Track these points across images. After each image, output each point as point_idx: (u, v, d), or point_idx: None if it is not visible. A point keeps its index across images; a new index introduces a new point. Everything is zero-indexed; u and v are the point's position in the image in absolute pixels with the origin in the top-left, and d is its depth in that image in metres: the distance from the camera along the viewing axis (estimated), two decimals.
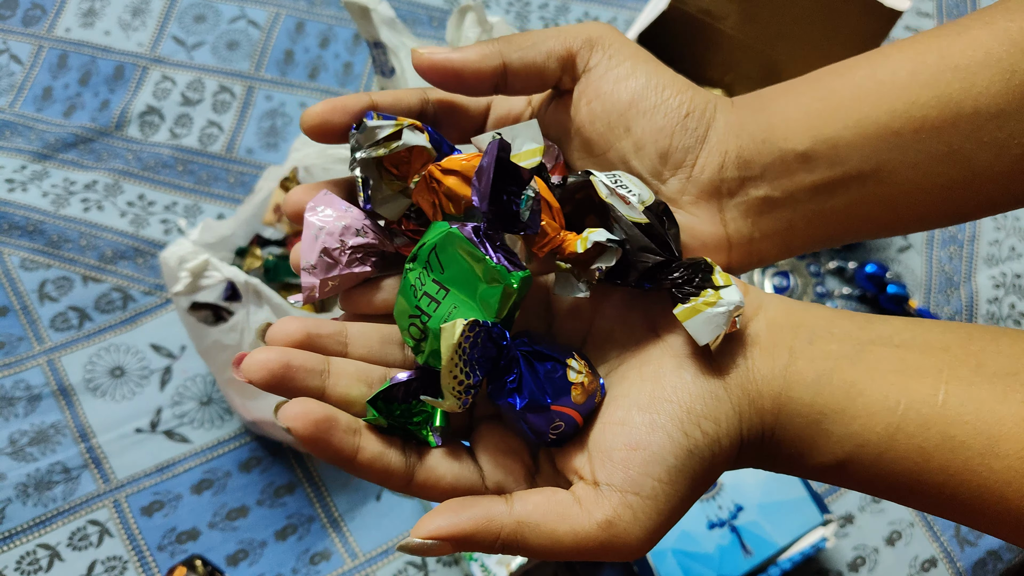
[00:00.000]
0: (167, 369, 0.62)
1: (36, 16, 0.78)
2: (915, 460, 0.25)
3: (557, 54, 0.29)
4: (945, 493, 0.25)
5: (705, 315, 0.25)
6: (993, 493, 0.24)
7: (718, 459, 0.26)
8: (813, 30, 0.69)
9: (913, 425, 0.25)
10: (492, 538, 0.25)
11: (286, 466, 0.59)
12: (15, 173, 0.69)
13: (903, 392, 0.25)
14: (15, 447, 0.58)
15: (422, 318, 0.25)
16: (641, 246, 0.26)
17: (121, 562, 0.55)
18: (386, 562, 0.57)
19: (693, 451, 0.26)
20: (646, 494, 0.25)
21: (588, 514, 0.25)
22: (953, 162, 0.28)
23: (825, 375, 0.26)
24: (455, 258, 0.25)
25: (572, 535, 0.25)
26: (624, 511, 0.25)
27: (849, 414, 0.26)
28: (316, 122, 0.27)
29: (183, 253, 0.50)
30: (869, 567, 0.60)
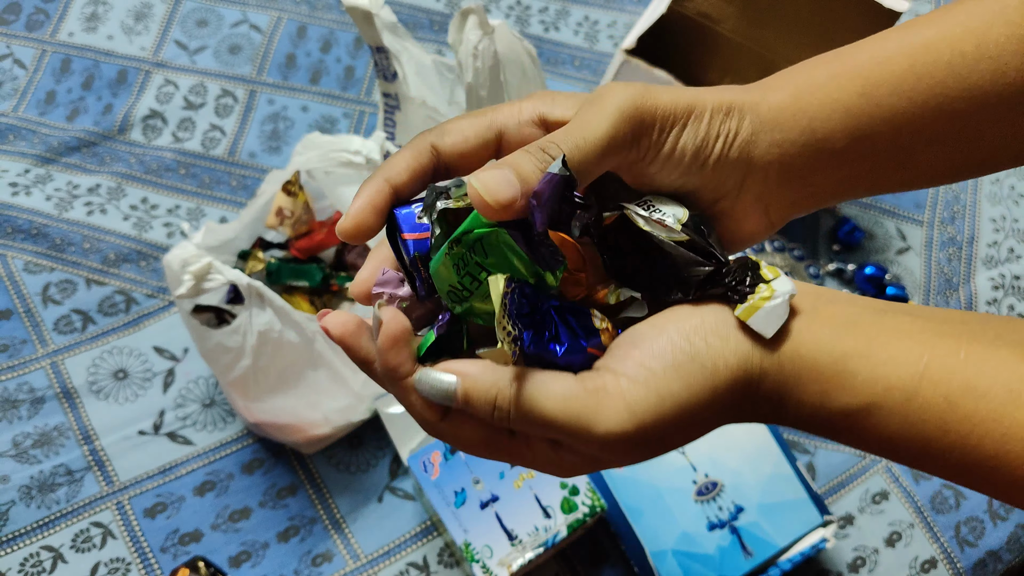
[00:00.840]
0: (170, 371, 0.62)
1: (40, 21, 0.78)
2: (941, 407, 0.25)
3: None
4: (970, 443, 0.25)
5: (765, 310, 0.26)
6: (1018, 442, 0.24)
7: (720, 376, 0.26)
8: (811, 32, 0.70)
9: (938, 373, 0.25)
10: (492, 388, 0.26)
11: (288, 468, 0.59)
12: (19, 177, 0.70)
13: (925, 348, 0.26)
14: (19, 449, 0.58)
15: (463, 292, 0.27)
16: (689, 261, 0.28)
17: (124, 564, 0.56)
18: (388, 563, 0.57)
19: (695, 356, 0.26)
20: (638, 379, 0.26)
21: (580, 380, 0.26)
22: (977, 146, 0.30)
23: (848, 325, 0.27)
24: (499, 251, 0.26)
25: (561, 389, 0.26)
26: (612, 384, 0.26)
27: (875, 358, 0.26)
28: (355, 233, 0.28)
29: (186, 256, 0.50)
30: (869, 568, 0.60)
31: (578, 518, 0.51)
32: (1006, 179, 0.79)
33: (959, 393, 0.25)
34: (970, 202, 0.77)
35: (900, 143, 0.29)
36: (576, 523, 0.51)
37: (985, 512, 0.63)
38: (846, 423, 0.27)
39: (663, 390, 0.26)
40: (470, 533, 0.51)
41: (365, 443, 0.61)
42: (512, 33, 0.53)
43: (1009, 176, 0.79)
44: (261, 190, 0.60)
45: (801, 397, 0.27)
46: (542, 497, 0.52)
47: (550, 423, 0.26)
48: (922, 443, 0.26)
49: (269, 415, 0.55)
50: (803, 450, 0.64)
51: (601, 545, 0.58)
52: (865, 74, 0.29)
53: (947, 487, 0.64)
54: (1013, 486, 0.25)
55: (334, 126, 0.75)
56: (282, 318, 0.50)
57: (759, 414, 0.28)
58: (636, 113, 0.27)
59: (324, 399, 0.55)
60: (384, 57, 0.54)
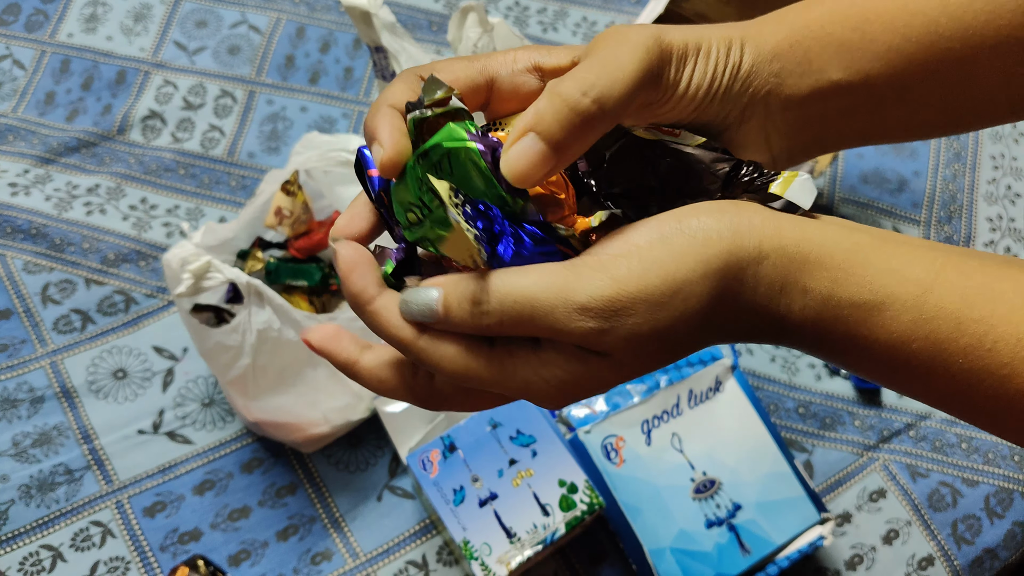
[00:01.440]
0: (169, 371, 0.62)
1: (39, 22, 0.79)
2: (956, 305, 0.24)
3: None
4: (984, 346, 0.24)
5: (800, 181, 0.27)
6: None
7: (712, 248, 0.25)
8: None
9: (953, 274, 0.25)
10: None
11: (287, 467, 0.60)
12: (18, 177, 0.70)
13: (939, 252, 0.25)
14: (18, 449, 0.59)
15: (423, 210, 0.26)
16: (712, 159, 0.28)
17: (123, 563, 0.56)
18: (387, 562, 0.57)
19: (684, 229, 0.25)
20: (620, 252, 0.25)
21: (558, 264, 0.25)
22: (971, 89, 0.30)
23: (859, 227, 0.26)
24: (465, 168, 0.25)
25: (539, 270, 0.25)
26: (592, 260, 0.25)
27: (888, 253, 0.25)
28: (397, 162, 0.26)
29: (185, 255, 0.50)
30: (867, 566, 0.60)
31: (576, 516, 0.52)
32: (1002, 179, 0.79)
33: (974, 293, 0.24)
34: (967, 201, 0.78)
35: (896, 77, 0.29)
36: (574, 521, 0.51)
37: (982, 510, 0.63)
38: (856, 316, 0.25)
39: (647, 258, 0.24)
40: (469, 531, 0.51)
41: (364, 442, 0.61)
42: (511, 31, 0.53)
43: (1005, 176, 0.80)
44: (260, 190, 0.60)
45: (808, 283, 0.25)
46: (541, 495, 0.52)
47: (529, 301, 0.24)
48: (935, 345, 0.24)
49: (268, 414, 0.55)
50: (800, 448, 0.64)
51: (599, 543, 0.58)
52: (858, 11, 0.30)
53: (944, 485, 0.64)
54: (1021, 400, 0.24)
55: (333, 126, 0.75)
56: (281, 316, 0.50)
57: (757, 313, 0.26)
58: (659, 49, 0.26)
59: (323, 398, 0.55)
60: (383, 57, 0.55)
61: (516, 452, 0.53)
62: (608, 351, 0.25)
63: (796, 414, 0.66)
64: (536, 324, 0.25)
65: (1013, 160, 0.81)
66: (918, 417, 0.67)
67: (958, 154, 0.80)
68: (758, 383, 0.67)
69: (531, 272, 0.25)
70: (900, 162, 0.79)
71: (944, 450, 0.65)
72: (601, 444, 0.55)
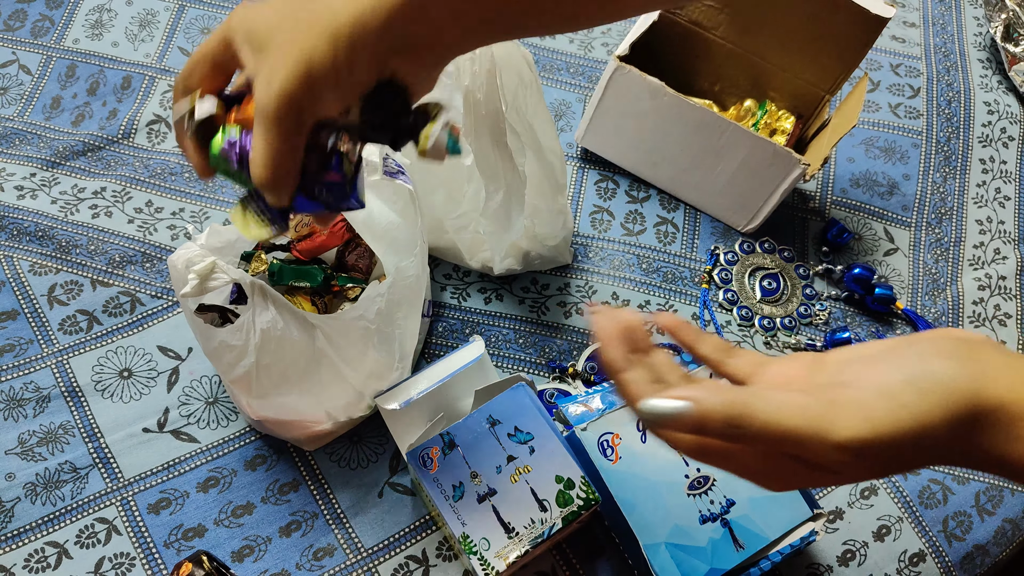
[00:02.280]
0: (174, 370, 0.63)
1: (45, 28, 0.80)
2: None
3: None
4: None
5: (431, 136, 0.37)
6: None
7: (955, 395, 0.28)
8: (800, 38, 0.71)
9: None
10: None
11: (290, 464, 0.61)
12: (25, 180, 0.71)
13: None
14: (24, 447, 0.59)
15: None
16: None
17: (128, 559, 0.57)
18: (388, 557, 0.58)
19: (931, 373, 0.28)
20: (874, 390, 0.28)
21: (811, 393, 0.29)
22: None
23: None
24: (226, 169, 0.37)
25: (798, 400, 0.28)
26: (846, 395, 0.28)
27: None
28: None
29: (190, 256, 0.51)
30: (859, 561, 0.61)
31: (573, 511, 0.52)
32: (992, 182, 0.81)
33: None
34: (956, 205, 0.79)
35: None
36: (571, 516, 0.52)
37: (972, 507, 0.64)
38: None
39: (899, 401, 0.27)
40: (468, 526, 0.52)
41: (365, 440, 0.62)
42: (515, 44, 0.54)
43: (995, 179, 0.81)
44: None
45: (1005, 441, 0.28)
46: (538, 491, 0.53)
47: (789, 433, 0.27)
48: None
49: (272, 412, 0.56)
50: None
51: (596, 538, 0.60)
52: None
53: (934, 482, 0.65)
54: None
55: None
56: (284, 316, 0.51)
57: (985, 452, 0.29)
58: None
59: (325, 396, 0.56)
60: None
61: (514, 449, 0.54)
62: (842, 472, 0.29)
63: None
64: (788, 450, 0.28)
65: (1003, 164, 0.82)
66: None
67: (948, 158, 0.81)
68: None
69: (789, 403, 0.28)
70: (890, 166, 0.80)
71: None
72: (597, 441, 0.57)
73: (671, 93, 0.67)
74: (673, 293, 0.71)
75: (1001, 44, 0.88)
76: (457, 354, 0.59)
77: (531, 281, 0.70)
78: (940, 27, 0.92)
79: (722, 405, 0.28)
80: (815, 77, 0.73)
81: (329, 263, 0.64)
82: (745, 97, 0.78)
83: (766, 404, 0.28)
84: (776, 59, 0.74)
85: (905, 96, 0.85)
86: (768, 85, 0.76)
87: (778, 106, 0.77)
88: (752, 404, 0.28)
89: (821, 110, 0.75)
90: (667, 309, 0.70)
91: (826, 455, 0.28)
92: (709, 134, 0.68)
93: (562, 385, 0.66)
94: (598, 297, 0.70)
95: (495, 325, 0.68)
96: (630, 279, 0.71)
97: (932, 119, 0.83)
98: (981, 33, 0.91)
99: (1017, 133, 0.83)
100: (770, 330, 0.70)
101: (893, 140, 0.82)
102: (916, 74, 0.87)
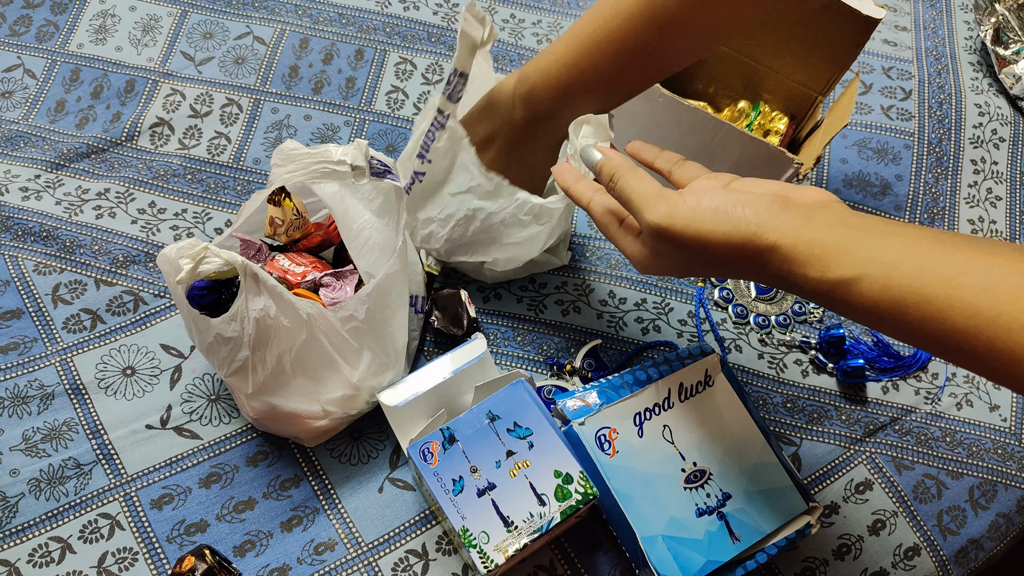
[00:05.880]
0: (177, 368, 0.64)
1: (50, 32, 0.81)
2: (912, 277, 0.36)
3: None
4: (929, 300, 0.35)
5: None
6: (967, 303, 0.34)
7: (737, 233, 0.40)
8: (794, 41, 0.73)
9: (911, 258, 0.36)
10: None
11: (291, 460, 0.61)
12: (29, 182, 0.72)
13: (899, 241, 0.37)
14: (28, 443, 0.60)
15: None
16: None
17: (131, 553, 0.57)
18: (388, 551, 0.59)
19: (730, 212, 0.40)
20: (691, 203, 0.42)
21: (662, 187, 0.44)
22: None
23: (861, 228, 0.39)
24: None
25: (646, 184, 0.44)
26: (675, 196, 0.42)
27: (869, 243, 0.37)
28: None
29: (181, 245, 0.51)
30: (854, 555, 0.62)
31: (571, 505, 0.53)
32: (983, 182, 0.82)
33: (928, 266, 0.35)
34: (949, 205, 0.80)
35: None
36: (569, 510, 0.53)
37: (966, 501, 0.65)
38: (840, 290, 0.37)
39: (697, 217, 0.40)
40: (467, 520, 0.52)
41: (366, 435, 0.63)
42: (604, 126, 0.55)
43: (986, 180, 0.82)
44: (247, 206, 0.60)
45: (807, 271, 0.38)
46: (537, 485, 0.53)
47: (630, 199, 0.43)
48: (897, 306, 0.36)
49: (269, 407, 0.56)
50: (788, 441, 0.66)
51: (594, 532, 0.60)
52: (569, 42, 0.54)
53: (928, 477, 0.66)
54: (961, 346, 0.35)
55: (336, 133, 0.77)
56: (277, 302, 0.51)
57: (768, 276, 0.40)
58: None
59: (321, 390, 0.56)
60: (462, 83, 0.57)
61: (513, 444, 0.55)
62: (661, 255, 0.44)
63: (783, 408, 0.68)
64: (628, 211, 0.45)
65: (994, 164, 0.83)
66: (903, 412, 0.69)
67: (939, 159, 0.83)
68: (746, 378, 0.69)
69: (647, 187, 0.43)
70: (883, 167, 0.81)
71: (928, 443, 0.67)
72: (595, 436, 0.57)
73: (666, 95, 0.68)
74: (669, 292, 0.72)
75: (991, 47, 0.89)
76: (459, 352, 0.60)
77: (529, 280, 0.71)
78: (931, 31, 0.93)
79: (613, 166, 0.45)
80: (808, 79, 0.74)
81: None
82: (739, 98, 0.79)
83: (633, 179, 0.44)
84: (769, 61, 0.75)
85: (897, 98, 0.86)
86: (761, 87, 0.77)
87: (771, 107, 0.78)
88: (626, 177, 0.44)
89: (814, 111, 0.76)
90: (663, 307, 0.71)
91: (644, 229, 0.43)
92: (704, 135, 0.69)
93: (560, 382, 0.66)
94: (595, 296, 0.71)
95: (494, 323, 0.69)
96: (627, 278, 0.72)
97: (924, 121, 0.84)
98: (971, 37, 0.93)
99: (1008, 134, 0.85)
100: (765, 328, 0.71)
101: (885, 141, 0.83)
102: (908, 77, 0.88)
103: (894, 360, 0.70)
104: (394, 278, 0.57)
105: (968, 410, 0.69)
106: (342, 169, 0.55)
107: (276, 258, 0.61)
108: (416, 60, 0.82)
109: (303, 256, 0.62)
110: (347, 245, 0.57)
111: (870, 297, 0.36)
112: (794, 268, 0.38)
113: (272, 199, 0.59)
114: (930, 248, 0.36)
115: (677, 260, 0.43)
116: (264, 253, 0.61)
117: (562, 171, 0.51)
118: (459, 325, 0.65)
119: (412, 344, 0.65)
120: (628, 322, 0.70)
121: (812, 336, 0.72)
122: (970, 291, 0.34)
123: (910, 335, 0.36)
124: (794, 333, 0.72)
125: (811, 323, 0.73)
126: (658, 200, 0.42)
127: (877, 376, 0.69)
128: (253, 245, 0.61)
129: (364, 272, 0.57)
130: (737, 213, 0.40)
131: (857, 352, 0.70)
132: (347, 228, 0.57)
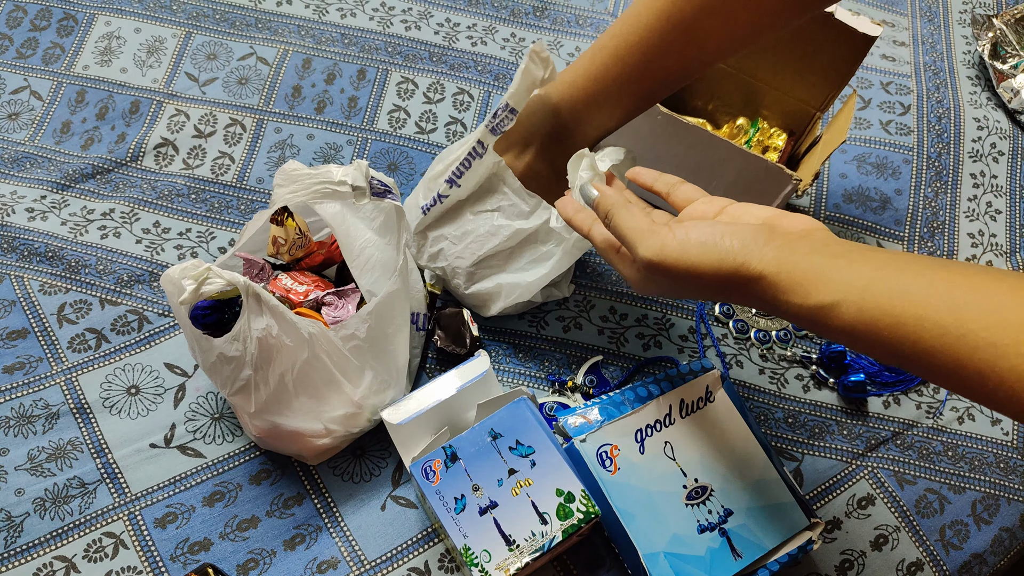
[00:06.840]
0: (181, 387, 0.65)
1: (56, 55, 0.82)
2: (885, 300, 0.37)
3: None
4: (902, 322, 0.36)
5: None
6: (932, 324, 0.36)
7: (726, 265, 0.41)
8: (792, 57, 0.73)
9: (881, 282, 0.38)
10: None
11: (294, 478, 0.62)
12: (35, 203, 0.73)
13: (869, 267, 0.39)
14: (33, 463, 0.61)
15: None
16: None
17: (135, 572, 0.58)
18: (390, 569, 0.59)
19: (718, 245, 0.42)
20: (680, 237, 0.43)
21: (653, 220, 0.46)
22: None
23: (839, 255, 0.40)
24: None
25: (638, 219, 0.45)
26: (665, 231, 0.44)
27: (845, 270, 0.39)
28: None
29: (184, 266, 0.52)
30: (857, 570, 0.62)
31: (573, 524, 0.53)
32: (983, 196, 0.82)
33: (897, 291, 0.37)
34: (948, 218, 0.81)
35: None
36: (571, 528, 0.53)
37: (969, 516, 0.65)
38: (821, 315, 0.39)
39: (687, 251, 0.42)
40: (469, 538, 0.52)
41: (368, 453, 0.63)
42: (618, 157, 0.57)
43: (986, 193, 0.83)
44: (249, 226, 0.60)
45: (790, 298, 0.40)
46: (539, 504, 0.54)
47: (623, 236, 0.45)
48: (872, 328, 0.37)
49: (271, 426, 0.57)
50: (790, 456, 0.66)
51: (596, 549, 0.60)
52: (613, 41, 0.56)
53: (930, 492, 0.66)
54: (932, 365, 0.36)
55: (338, 152, 0.78)
56: (279, 321, 0.52)
57: (756, 302, 0.42)
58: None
59: (324, 408, 0.57)
60: (511, 119, 0.58)
61: (516, 462, 0.55)
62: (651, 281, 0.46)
63: (785, 424, 0.68)
64: (624, 245, 0.47)
65: (993, 178, 0.84)
66: (904, 426, 0.69)
67: (939, 173, 0.83)
68: (747, 394, 0.69)
69: (639, 222, 0.45)
70: (882, 181, 0.82)
71: (930, 458, 0.67)
72: (596, 452, 0.58)
73: (665, 112, 0.69)
74: (670, 307, 0.72)
75: (989, 62, 0.90)
76: (462, 369, 0.60)
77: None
78: (929, 46, 0.94)
79: (608, 204, 0.47)
80: (806, 95, 0.75)
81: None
82: (738, 115, 0.79)
83: (626, 215, 0.45)
84: (768, 78, 0.76)
85: (896, 113, 0.87)
86: (760, 103, 0.78)
87: (770, 124, 0.79)
88: (620, 214, 0.46)
89: (812, 127, 0.76)
90: (664, 323, 0.71)
91: (638, 262, 0.44)
92: (703, 152, 0.70)
93: (561, 398, 0.67)
94: (596, 312, 0.71)
95: (495, 340, 0.69)
96: (627, 294, 0.72)
97: (923, 135, 0.85)
98: (969, 51, 0.94)
99: (1007, 148, 0.85)
100: (765, 343, 0.72)
101: (885, 156, 0.83)
102: (906, 92, 0.89)
103: (895, 375, 0.70)
104: (395, 296, 0.58)
105: (970, 424, 0.69)
106: (343, 189, 0.56)
107: (279, 277, 0.62)
108: (418, 80, 0.83)
109: (305, 275, 0.63)
110: (349, 264, 0.58)
111: (848, 320, 0.38)
112: (778, 295, 0.40)
113: (275, 219, 0.60)
114: (900, 271, 0.37)
115: (671, 288, 0.45)
116: (267, 272, 0.62)
117: (564, 204, 0.54)
118: (462, 344, 0.65)
119: (413, 362, 0.65)
120: (629, 338, 0.70)
121: (813, 351, 0.72)
122: (935, 311, 0.35)
123: (888, 355, 0.38)
124: (795, 348, 0.72)
125: (812, 338, 0.73)
126: (649, 235, 0.44)
127: (878, 391, 0.70)
128: (256, 264, 0.61)
129: (366, 290, 0.58)
130: (724, 245, 0.41)
131: (858, 367, 0.70)
132: (349, 247, 0.57)
